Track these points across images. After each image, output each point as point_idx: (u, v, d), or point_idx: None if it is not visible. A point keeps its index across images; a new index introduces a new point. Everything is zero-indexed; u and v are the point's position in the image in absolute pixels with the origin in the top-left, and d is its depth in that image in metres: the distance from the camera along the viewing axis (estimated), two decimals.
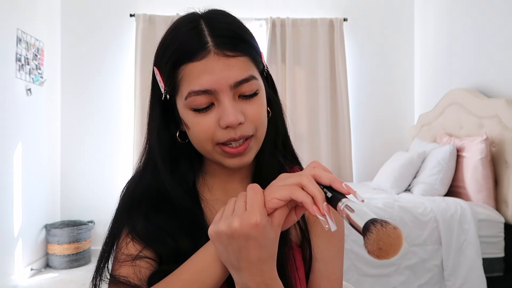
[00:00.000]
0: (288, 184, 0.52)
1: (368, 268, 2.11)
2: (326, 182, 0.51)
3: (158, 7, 3.70)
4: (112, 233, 0.69)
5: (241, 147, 0.63)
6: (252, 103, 0.63)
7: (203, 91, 0.60)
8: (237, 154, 0.64)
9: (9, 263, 2.82)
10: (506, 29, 2.62)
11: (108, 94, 3.70)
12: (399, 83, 3.95)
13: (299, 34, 3.79)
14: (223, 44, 0.60)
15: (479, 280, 2.12)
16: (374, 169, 3.52)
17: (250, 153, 0.65)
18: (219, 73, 0.60)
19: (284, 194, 0.51)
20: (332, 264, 0.70)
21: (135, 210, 0.68)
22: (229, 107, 0.60)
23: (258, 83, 0.64)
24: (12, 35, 2.88)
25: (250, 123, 0.63)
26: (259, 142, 0.66)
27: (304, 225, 0.71)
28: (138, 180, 0.71)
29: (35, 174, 3.21)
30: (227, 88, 0.60)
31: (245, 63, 0.62)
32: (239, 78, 0.61)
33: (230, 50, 0.60)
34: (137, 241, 0.66)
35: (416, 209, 2.22)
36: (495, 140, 2.50)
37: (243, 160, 0.65)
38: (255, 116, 0.63)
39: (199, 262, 0.58)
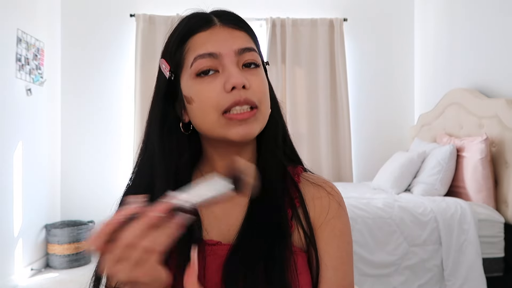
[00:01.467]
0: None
1: (368, 268, 2.11)
2: (131, 213, 0.47)
3: (158, 7, 3.70)
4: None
5: (246, 113, 0.62)
6: (255, 74, 0.65)
7: (209, 53, 0.63)
8: (242, 121, 0.62)
9: (9, 263, 2.82)
10: (506, 29, 2.62)
11: (108, 94, 3.70)
12: (399, 83, 3.95)
13: (299, 34, 3.79)
14: (228, 21, 0.66)
15: (479, 280, 2.12)
16: (374, 169, 3.52)
17: (255, 124, 0.64)
18: (224, 39, 0.64)
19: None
20: (342, 271, 0.68)
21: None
22: (234, 69, 0.63)
23: (260, 59, 0.66)
24: (12, 35, 2.88)
25: (254, 92, 0.63)
26: (263, 117, 0.65)
27: (309, 229, 0.67)
28: (138, 182, 0.70)
29: (35, 174, 3.21)
30: (231, 53, 0.63)
31: (249, 38, 0.67)
32: (243, 45, 0.65)
33: (237, 25, 0.67)
34: None
35: (416, 209, 2.22)
36: (495, 140, 2.50)
37: (248, 129, 0.63)
38: (259, 87, 0.64)
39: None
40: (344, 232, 0.70)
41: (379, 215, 2.18)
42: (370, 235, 2.13)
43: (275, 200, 0.66)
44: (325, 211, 0.68)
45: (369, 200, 2.37)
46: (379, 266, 2.12)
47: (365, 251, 2.12)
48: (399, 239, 2.14)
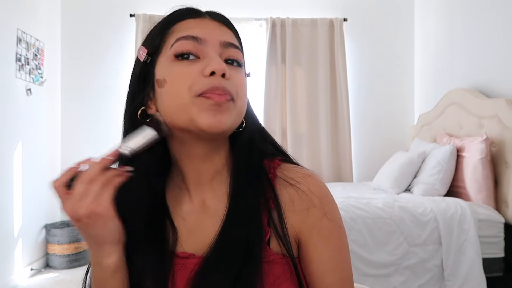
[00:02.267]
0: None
1: (368, 268, 2.11)
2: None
3: (158, 7, 3.70)
4: None
5: (223, 96, 0.58)
6: (237, 71, 0.63)
7: (193, 36, 0.61)
8: (216, 106, 0.58)
9: (9, 263, 2.82)
10: (506, 29, 2.62)
11: (108, 94, 3.70)
12: (399, 83, 3.95)
13: (299, 34, 3.79)
14: (217, 17, 0.66)
15: (479, 280, 2.12)
16: (374, 169, 3.52)
17: (228, 115, 0.59)
18: (212, 29, 0.63)
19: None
20: (338, 269, 0.64)
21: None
22: (216, 57, 0.61)
23: (242, 60, 0.65)
24: (12, 35, 2.88)
25: (232, 84, 0.61)
26: (237, 113, 0.62)
27: (283, 235, 0.61)
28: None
29: (35, 174, 3.21)
30: (217, 42, 0.62)
31: (236, 39, 0.66)
32: (230, 40, 0.64)
33: (228, 25, 0.66)
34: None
35: (416, 209, 2.22)
36: (495, 140, 2.50)
37: (220, 118, 0.58)
38: (238, 82, 0.62)
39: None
40: (332, 229, 0.64)
41: (379, 215, 2.18)
42: (370, 235, 2.13)
43: (249, 208, 0.62)
44: (306, 213, 0.62)
45: (369, 200, 2.36)
46: (379, 266, 2.12)
47: (365, 251, 2.12)
48: (399, 239, 2.14)
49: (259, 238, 0.60)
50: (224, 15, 0.68)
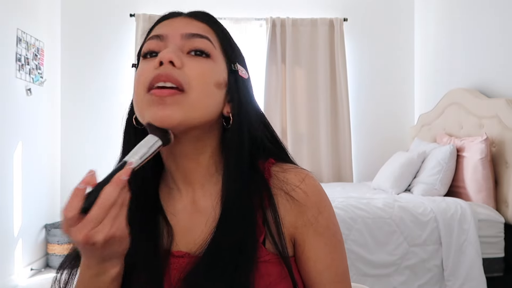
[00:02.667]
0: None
1: (368, 268, 2.11)
2: (89, 183, 0.51)
3: (158, 7, 3.70)
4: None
5: (165, 90, 0.57)
6: (200, 62, 0.60)
7: (156, 35, 0.62)
8: (160, 100, 0.57)
9: (9, 263, 2.82)
10: (506, 29, 2.62)
11: (108, 94, 3.70)
12: (399, 83, 3.95)
13: (299, 34, 3.79)
14: (195, 14, 0.66)
15: (479, 280, 2.11)
16: (374, 169, 3.51)
17: (174, 108, 0.57)
18: (176, 25, 0.63)
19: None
20: (335, 266, 0.64)
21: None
22: (168, 48, 0.59)
23: (214, 50, 0.62)
24: (12, 35, 2.88)
25: (185, 73, 0.58)
26: (191, 105, 0.58)
27: (277, 234, 0.61)
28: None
29: (35, 174, 3.21)
30: (177, 35, 0.61)
31: (207, 29, 0.64)
32: (193, 31, 0.62)
33: (199, 18, 0.65)
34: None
35: (416, 209, 2.22)
36: (495, 140, 2.50)
37: (163, 112, 0.56)
38: (196, 71, 0.59)
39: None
40: (328, 226, 0.64)
41: (379, 215, 2.18)
42: (370, 235, 2.13)
43: (243, 208, 0.61)
44: (302, 211, 0.63)
45: (369, 200, 2.36)
46: (379, 266, 2.11)
47: (365, 251, 2.11)
48: (399, 239, 2.14)
49: (254, 238, 0.60)
50: (205, 12, 0.67)
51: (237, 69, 0.65)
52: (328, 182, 3.63)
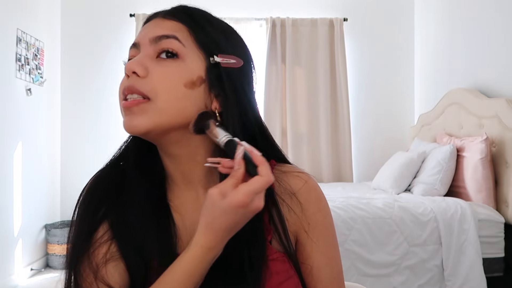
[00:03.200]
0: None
1: (368, 268, 2.11)
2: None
3: (158, 7, 3.66)
4: (84, 226, 0.63)
5: (129, 102, 0.58)
6: (165, 65, 0.59)
7: (133, 44, 0.63)
8: (127, 110, 0.59)
9: (9, 263, 2.82)
10: (507, 29, 2.62)
11: (108, 94, 3.70)
12: (399, 83, 3.95)
13: (299, 34, 3.79)
14: (168, 12, 0.64)
15: (479, 280, 2.12)
16: (374, 169, 3.52)
17: (141, 117, 0.58)
18: (148, 29, 0.63)
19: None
20: (333, 263, 0.68)
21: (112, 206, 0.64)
22: (136, 57, 0.60)
23: (182, 49, 0.60)
24: (12, 35, 2.88)
25: (149, 81, 0.58)
26: (159, 112, 0.58)
27: (283, 232, 0.64)
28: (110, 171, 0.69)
29: (35, 174, 3.21)
30: (147, 42, 0.61)
31: (175, 27, 0.61)
32: (159, 33, 0.60)
33: (169, 16, 0.63)
34: (114, 243, 0.61)
35: (416, 209, 2.22)
36: (495, 140, 2.50)
37: (130, 122, 0.58)
38: (159, 77, 0.58)
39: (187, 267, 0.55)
40: (327, 225, 0.68)
41: (379, 215, 2.18)
42: (370, 235, 2.13)
43: None
44: (303, 210, 0.66)
45: (369, 200, 2.36)
46: (379, 266, 2.12)
47: (365, 251, 2.11)
48: (399, 239, 2.14)
49: (262, 236, 0.62)
50: (180, 7, 0.65)
51: (217, 61, 0.61)
52: (328, 182, 3.63)
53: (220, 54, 0.61)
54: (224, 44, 0.63)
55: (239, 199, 0.51)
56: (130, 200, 0.63)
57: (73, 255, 0.63)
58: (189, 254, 0.55)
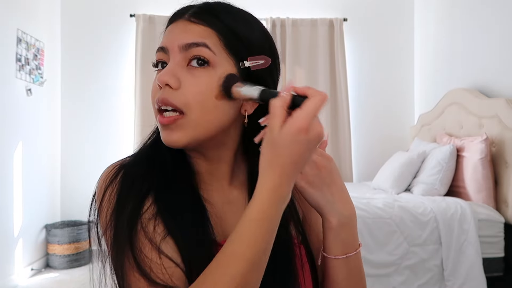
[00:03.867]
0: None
1: (368, 268, 2.11)
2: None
3: (158, 7, 3.70)
4: (127, 208, 0.59)
5: (166, 119, 0.59)
6: (197, 76, 0.59)
7: (161, 47, 0.63)
8: (164, 126, 0.60)
9: (9, 263, 2.82)
10: (506, 29, 2.62)
11: (108, 94, 3.70)
12: (399, 83, 3.95)
13: (299, 34, 3.79)
14: (194, 13, 0.62)
15: (479, 280, 2.12)
16: (374, 169, 3.52)
17: (179, 132, 0.59)
18: (175, 33, 0.62)
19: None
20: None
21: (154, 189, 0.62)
22: (168, 67, 0.60)
23: (213, 57, 0.59)
24: (12, 35, 2.88)
25: (182, 94, 0.58)
26: (195, 126, 0.59)
27: (298, 220, 0.70)
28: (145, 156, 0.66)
29: (35, 174, 3.21)
30: (176, 48, 0.60)
31: (205, 32, 0.60)
32: (189, 40, 0.60)
33: (196, 18, 0.61)
34: (161, 226, 0.58)
35: (416, 209, 2.22)
36: (495, 140, 2.51)
37: (170, 136, 0.59)
38: (191, 89, 0.58)
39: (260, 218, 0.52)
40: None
41: (379, 215, 2.18)
42: (370, 235, 2.13)
43: None
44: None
45: (369, 200, 2.36)
46: (379, 266, 2.12)
47: (365, 251, 2.11)
48: (399, 239, 2.14)
49: (287, 224, 0.66)
50: (206, 7, 0.63)
51: (247, 66, 0.61)
52: None
53: (249, 57, 0.61)
54: (252, 44, 0.63)
55: (299, 124, 0.50)
56: (168, 186, 0.63)
57: (123, 232, 0.58)
58: (255, 200, 0.52)
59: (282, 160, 0.51)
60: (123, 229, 0.57)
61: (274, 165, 0.52)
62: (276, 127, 0.51)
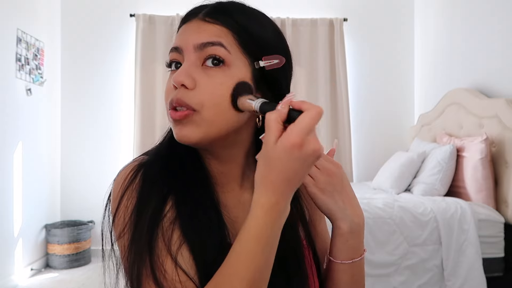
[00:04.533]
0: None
1: (368, 268, 2.11)
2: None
3: (158, 7, 3.70)
4: (148, 211, 0.58)
5: (178, 113, 0.58)
6: (212, 75, 0.59)
7: (174, 47, 0.62)
8: (175, 121, 0.59)
9: (9, 263, 2.82)
10: (506, 29, 2.62)
11: (108, 94, 3.70)
12: (399, 83, 3.95)
13: (299, 34, 3.79)
14: (208, 13, 0.62)
15: (479, 280, 2.12)
16: (374, 169, 3.52)
17: (190, 128, 0.59)
18: (190, 33, 0.61)
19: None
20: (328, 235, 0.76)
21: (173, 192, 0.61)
22: (183, 67, 0.59)
23: (227, 55, 0.59)
24: (12, 35, 2.88)
25: (197, 93, 0.58)
26: (207, 123, 0.59)
27: (304, 221, 0.71)
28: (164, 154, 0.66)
29: (35, 174, 3.21)
30: (191, 48, 0.60)
31: (219, 32, 0.60)
32: (204, 40, 0.59)
33: (210, 18, 0.61)
34: (178, 231, 0.58)
35: (416, 209, 2.22)
36: (495, 140, 2.50)
37: (181, 132, 0.59)
38: (206, 88, 0.58)
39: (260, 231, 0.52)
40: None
41: (379, 215, 2.18)
42: (370, 235, 2.13)
43: None
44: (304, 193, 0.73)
45: (369, 200, 2.36)
46: (379, 266, 2.12)
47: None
48: (399, 239, 2.14)
49: (295, 225, 0.68)
50: (220, 7, 0.63)
51: (262, 65, 0.61)
52: None
53: (264, 56, 0.61)
54: (267, 44, 0.63)
55: (292, 139, 0.49)
56: (187, 188, 0.63)
57: (142, 237, 0.57)
58: (251, 218, 0.52)
59: (275, 176, 0.51)
60: (143, 234, 0.56)
61: (267, 181, 0.51)
62: (271, 142, 0.50)
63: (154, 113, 3.64)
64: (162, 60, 3.60)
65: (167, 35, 3.65)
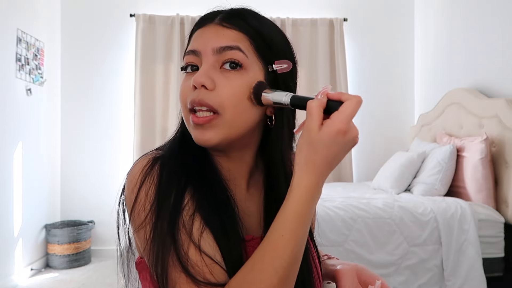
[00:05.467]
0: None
1: (368, 268, 2.10)
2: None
3: (158, 7, 3.70)
4: (169, 203, 0.58)
5: (202, 118, 0.61)
6: (231, 78, 0.61)
7: (192, 50, 0.64)
8: (197, 125, 0.62)
9: (9, 263, 2.82)
10: (506, 29, 2.62)
11: (108, 94, 3.70)
12: (399, 83, 3.95)
13: (299, 34, 3.79)
14: (225, 18, 0.65)
15: (479, 280, 2.12)
16: (374, 169, 3.52)
17: (212, 131, 0.61)
18: (208, 37, 0.64)
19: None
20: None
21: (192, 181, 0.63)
22: (202, 68, 0.62)
23: (246, 60, 0.62)
24: (12, 35, 2.88)
25: (217, 95, 0.61)
26: (228, 126, 0.61)
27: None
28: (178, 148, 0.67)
29: (35, 174, 3.21)
30: (209, 51, 0.62)
31: (237, 36, 0.63)
32: (223, 44, 0.62)
33: (227, 23, 0.64)
34: (199, 220, 0.59)
35: (416, 209, 2.22)
36: (495, 140, 2.50)
37: (203, 135, 0.61)
38: (226, 90, 0.61)
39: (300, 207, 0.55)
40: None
41: (379, 215, 2.18)
42: (370, 235, 2.13)
43: (283, 191, 0.65)
44: None
45: (369, 200, 2.36)
46: (379, 266, 2.12)
47: (365, 251, 2.12)
48: (399, 239, 2.14)
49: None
50: (237, 13, 0.65)
51: (274, 69, 0.64)
52: (328, 182, 3.62)
53: (276, 61, 0.64)
54: (277, 48, 0.66)
55: (338, 126, 0.53)
56: (204, 182, 0.64)
57: (165, 228, 0.57)
58: (294, 197, 0.55)
59: (319, 159, 0.55)
60: (166, 225, 0.57)
61: (312, 163, 0.55)
62: (315, 127, 0.54)
63: (154, 113, 3.64)
64: (162, 60, 3.60)
65: (167, 35, 3.65)
